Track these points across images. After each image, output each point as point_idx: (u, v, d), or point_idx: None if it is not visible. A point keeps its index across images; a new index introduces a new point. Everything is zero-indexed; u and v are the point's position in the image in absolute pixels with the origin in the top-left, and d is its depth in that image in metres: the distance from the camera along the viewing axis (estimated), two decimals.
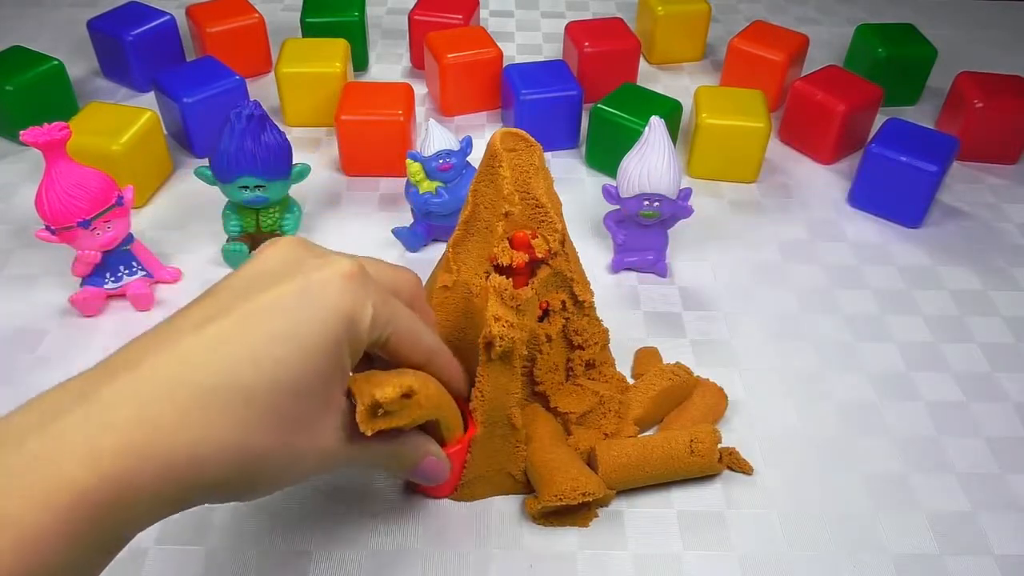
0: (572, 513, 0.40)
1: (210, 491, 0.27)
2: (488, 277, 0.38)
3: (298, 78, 0.65)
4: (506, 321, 0.36)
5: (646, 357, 0.48)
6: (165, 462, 0.24)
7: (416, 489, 0.41)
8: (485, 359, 0.38)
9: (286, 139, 0.50)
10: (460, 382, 0.37)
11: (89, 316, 0.50)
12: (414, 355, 0.33)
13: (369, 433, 0.30)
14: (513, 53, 0.78)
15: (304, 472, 0.30)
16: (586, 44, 0.68)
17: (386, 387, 0.30)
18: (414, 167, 0.51)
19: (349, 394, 0.31)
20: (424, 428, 0.36)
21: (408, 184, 0.53)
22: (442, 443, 0.36)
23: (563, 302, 0.42)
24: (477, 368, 0.38)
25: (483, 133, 0.67)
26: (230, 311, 0.27)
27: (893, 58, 0.69)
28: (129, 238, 0.50)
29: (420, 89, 0.71)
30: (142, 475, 0.24)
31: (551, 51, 0.79)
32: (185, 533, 0.39)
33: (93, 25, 0.69)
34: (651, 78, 0.75)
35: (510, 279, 0.38)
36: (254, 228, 0.52)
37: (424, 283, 0.44)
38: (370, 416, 0.30)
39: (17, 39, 0.70)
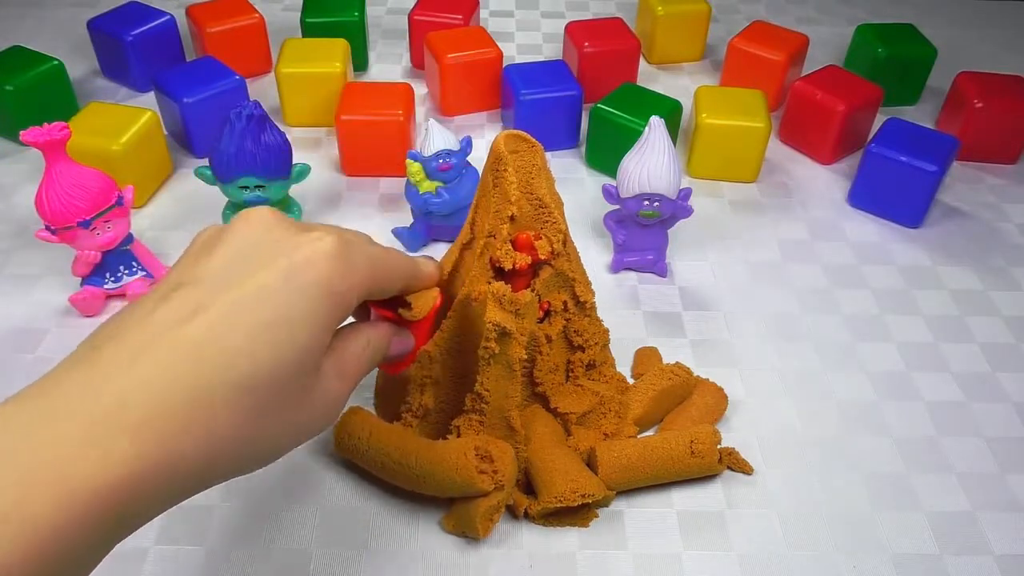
0: (572, 514, 0.40)
1: (221, 478, 0.27)
2: (490, 282, 0.38)
3: (298, 78, 0.64)
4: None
5: (646, 357, 0.48)
6: (176, 462, 0.24)
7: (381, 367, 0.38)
8: (485, 363, 0.38)
9: (286, 139, 0.50)
10: (430, 275, 0.36)
11: (89, 316, 0.50)
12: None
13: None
14: (513, 53, 0.78)
15: (310, 434, 0.30)
16: (586, 44, 0.68)
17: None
18: (414, 167, 0.51)
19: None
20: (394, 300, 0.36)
21: (408, 184, 0.53)
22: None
23: (564, 303, 0.42)
24: (477, 371, 0.38)
25: (483, 133, 0.67)
26: (213, 302, 0.26)
27: (893, 58, 0.69)
28: (129, 238, 0.49)
29: (420, 89, 0.71)
30: (155, 477, 0.24)
31: (551, 51, 0.79)
32: (185, 533, 0.39)
33: (93, 25, 0.69)
34: (651, 78, 0.75)
35: (508, 283, 0.38)
36: None
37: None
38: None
39: (17, 39, 0.70)
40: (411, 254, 0.36)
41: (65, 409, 0.24)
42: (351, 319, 0.36)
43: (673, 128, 0.61)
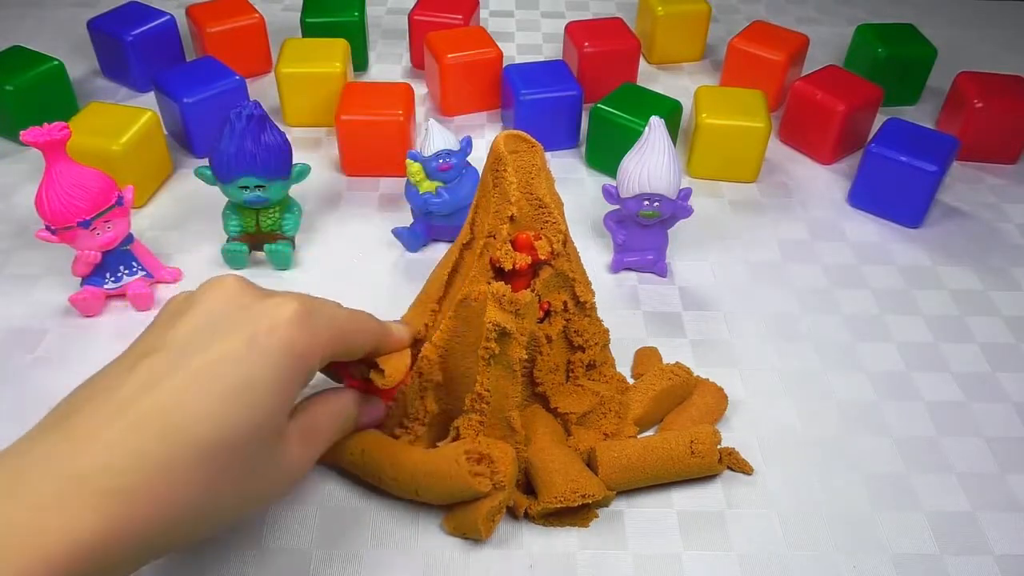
0: (572, 514, 0.40)
1: (185, 540, 0.28)
2: (490, 282, 0.38)
3: (298, 78, 0.64)
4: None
5: (646, 357, 0.48)
6: (140, 529, 0.25)
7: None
8: (485, 364, 0.38)
9: (286, 139, 0.50)
10: (400, 339, 0.39)
11: (89, 316, 0.50)
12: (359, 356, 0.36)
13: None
14: (513, 53, 0.78)
15: (273, 497, 0.31)
16: (586, 44, 0.68)
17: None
18: (414, 167, 0.51)
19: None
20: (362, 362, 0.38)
21: (408, 184, 0.53)
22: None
23: (564, 303, 0.42)
24: (476, 372, 0.38)
25: (483, 133, 0.67)
26: (178, 369, 0.27)
27: (893, 58, 0.69)
28: (129, 238, 0.50)
29: (420, 89, 0.71)
30: (120, 544, 0.24)
31: (551, 51, 0.79)
32: None
33: (93, 25, 0.69)
34: (651, 78, 0.75)
35: (508, 284, 0.38)
36: (254, 228, 0.52)
37: (424, 284, 0.45)
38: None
39: (17, 39, 0.70)
40: (384, 319, 0.38)
41: (35, 476, 0.24)
42: (332, 384, 0.37)
43: (673, 128, 0.61)
